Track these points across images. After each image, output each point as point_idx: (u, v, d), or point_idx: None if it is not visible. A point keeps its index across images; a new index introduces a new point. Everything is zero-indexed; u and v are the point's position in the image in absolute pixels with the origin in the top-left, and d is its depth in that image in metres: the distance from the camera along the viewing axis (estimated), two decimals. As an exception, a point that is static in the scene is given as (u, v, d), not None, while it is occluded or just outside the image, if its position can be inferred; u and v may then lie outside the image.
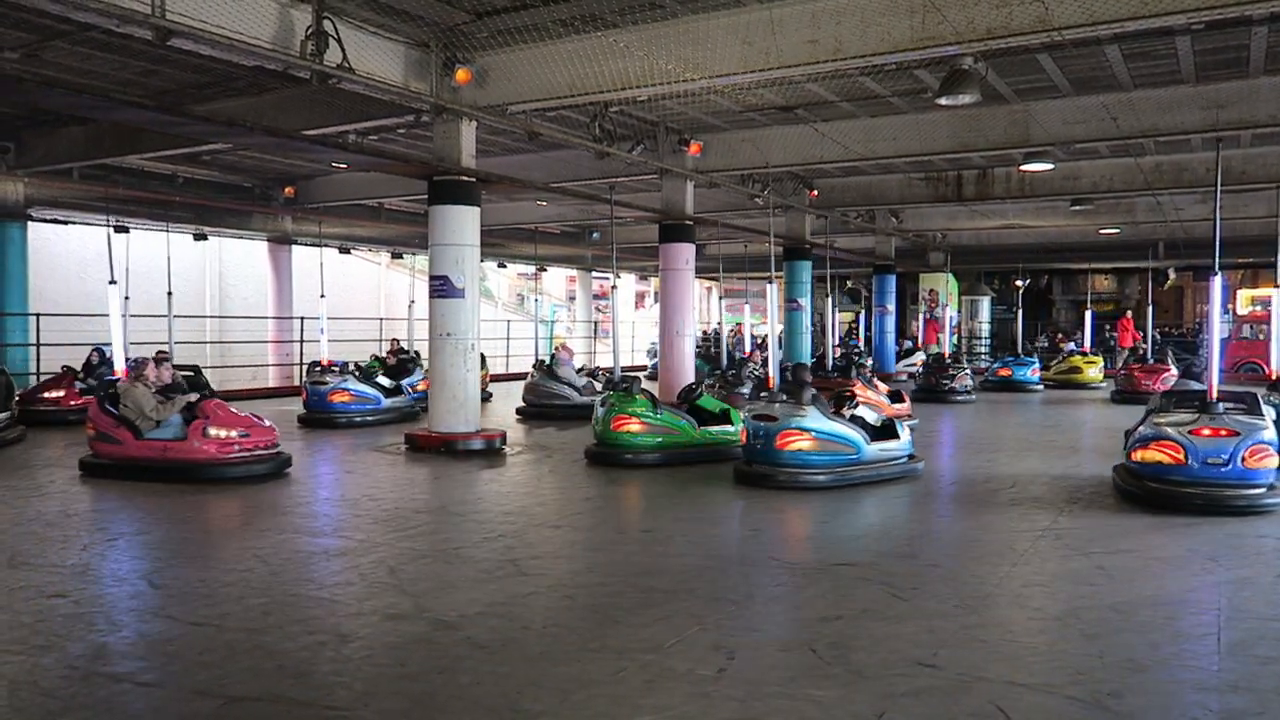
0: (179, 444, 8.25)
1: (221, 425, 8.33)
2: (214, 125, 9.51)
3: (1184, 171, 15.39)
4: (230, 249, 22.00)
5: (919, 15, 7.70)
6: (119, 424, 8.37)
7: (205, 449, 8.23)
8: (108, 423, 8.43)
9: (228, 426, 8.36)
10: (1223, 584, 5.23)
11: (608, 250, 13.50)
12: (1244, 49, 9.81)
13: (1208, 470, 6.88)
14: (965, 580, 5.29)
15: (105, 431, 8.45)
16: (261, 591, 5.04)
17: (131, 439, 8.30)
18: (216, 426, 8.29)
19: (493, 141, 13.65)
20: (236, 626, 4.44)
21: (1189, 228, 20.96)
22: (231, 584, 5.17)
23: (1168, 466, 7.04)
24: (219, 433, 8.27)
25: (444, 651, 4.11)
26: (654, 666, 3.90)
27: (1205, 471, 6.88)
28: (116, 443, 8.38)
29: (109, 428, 8.42)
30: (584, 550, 6.24)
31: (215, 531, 6.80)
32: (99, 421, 8.51)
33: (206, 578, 5.28)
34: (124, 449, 8.35)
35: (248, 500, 7.64)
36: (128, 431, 8.33)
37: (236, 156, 15.53)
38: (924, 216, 22.66)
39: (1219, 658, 4.05)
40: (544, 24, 8.88)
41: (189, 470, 8.20)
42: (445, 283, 10.10)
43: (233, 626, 4.44)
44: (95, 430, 8.54)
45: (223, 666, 3.91)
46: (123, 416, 8.39)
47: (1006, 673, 3.87)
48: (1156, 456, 7.11)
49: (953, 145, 12.84)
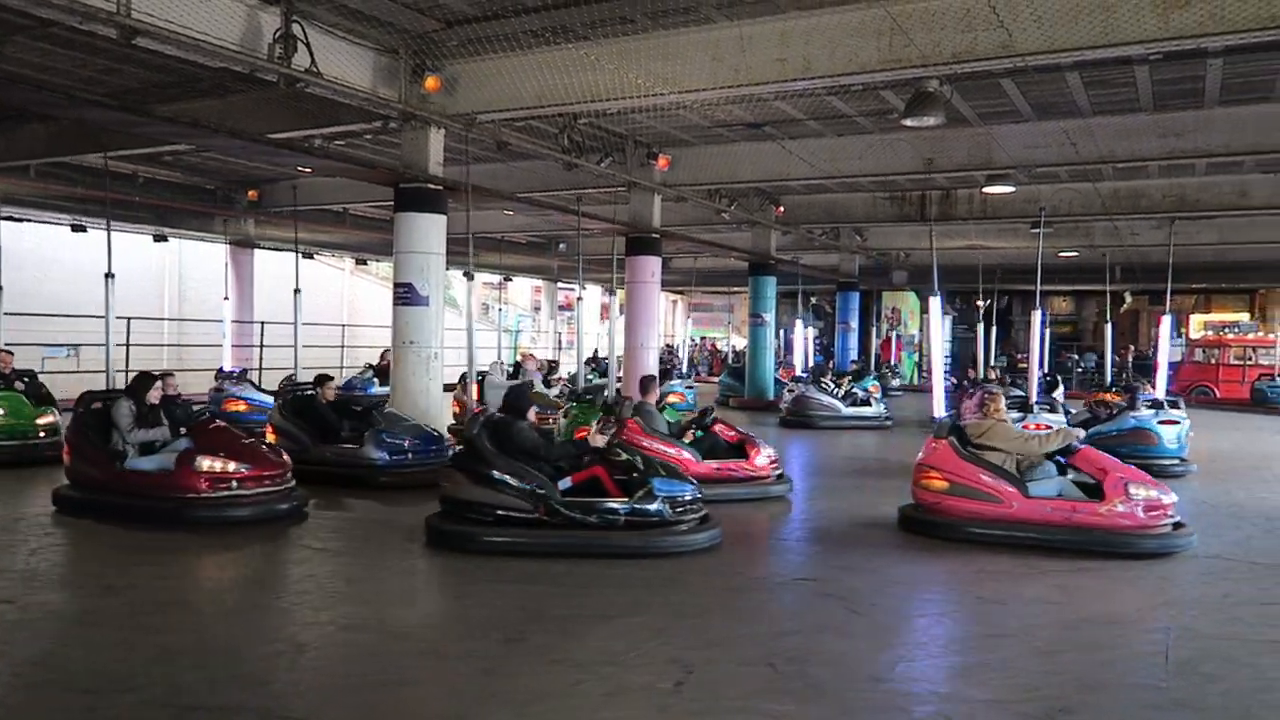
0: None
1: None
2: (178, 126, 9.38)
3: (1140, 198, 15.74)
4: (190, 251, 21.68)
5: (886, 38, 7.82)
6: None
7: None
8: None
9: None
10: (1173, 603, 5.33)
11: (574, 261, 13.49)
12: (1200, 80, 10.06)
13: None
14: (922, 597, 5.34)
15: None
16: (213, 600, 4.96)
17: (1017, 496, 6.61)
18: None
19: (460, 150, 13.59)
20: (187, 638, 4.36)
21: (1145, 252, 21.40)
22: (183, 592, 5.08)
23: None
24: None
25: (401, 662, 4.07)
26: (612, 679, 3.89)
27: None
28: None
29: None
30: (543, 561, 6.21)
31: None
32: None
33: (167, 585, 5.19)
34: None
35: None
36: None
37: (199, 158, 15.31)
38: (888, 235, 22.91)
39: (1167, 675, 4.12)
40: (514, 34, 8.88)
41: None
42: (410, 290, 10.05)
43: (181, 638, 4.36)
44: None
45: (178, 679, 3.84)
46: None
47: (962, 689, 3.91)
48: None
49: (916, 166, 13.02)
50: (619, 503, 6.11)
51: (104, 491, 6.96)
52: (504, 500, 6.05)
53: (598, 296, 35.39)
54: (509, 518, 6.05)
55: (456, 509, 6.20)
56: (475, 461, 6.20)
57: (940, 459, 6.84)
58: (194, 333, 20.75)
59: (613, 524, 6.06)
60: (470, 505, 6.14)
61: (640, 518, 6.08)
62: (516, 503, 6.04)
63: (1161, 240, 19.92)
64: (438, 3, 8.49)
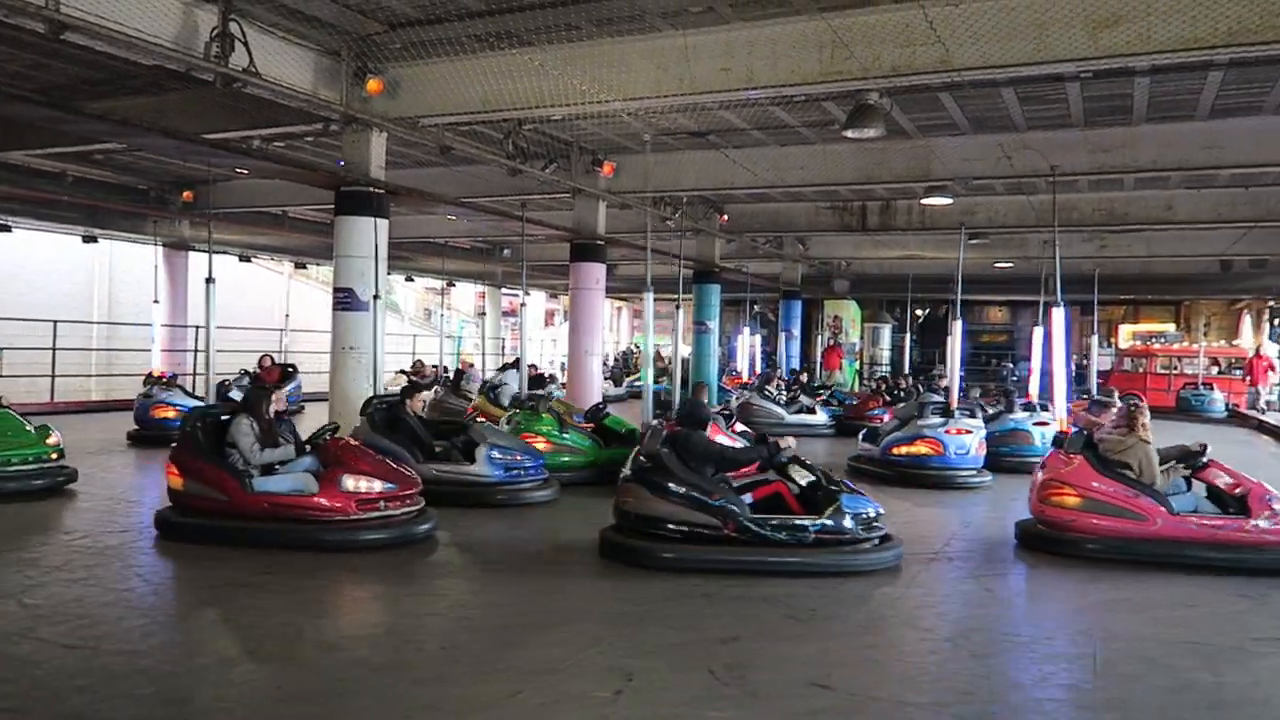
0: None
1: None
2: (108, 124, 9.13)
3: (1072, 210, 16.19)
4: (123, 252, 21.10)
5: (828, 50, 7.94)
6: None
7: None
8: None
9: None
10: (1099, 605, 5.48)
11: (518, 267, 13.43)
12: (1128, 98, 10.39)
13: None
14: (860, 602, 5.41)
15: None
16: (143, 612, 4.82)
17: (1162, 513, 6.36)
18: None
19: (403, 154, 13.46)
20: (113, 649, 4.23)
21: (1076, 264, 22.00)
22: (110, 604, 4.92)
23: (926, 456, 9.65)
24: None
25: (334, 674, 4.00)
26: (551, 688, 3.87)
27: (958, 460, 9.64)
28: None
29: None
30: (483, 570, 6.16)
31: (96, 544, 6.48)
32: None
33: (83, 596, 5.02)
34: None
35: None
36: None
37: (131, 157, 14.91)
38: (829, 245, 23.22)
39: (1094, 676, 4.23)
40: (459, 38, 8.82)
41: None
42: (350, 295, 9.90)
43: (109, 649, 4.23)
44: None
45: (97, 691, 3.72)
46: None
47: (898, 692, 3.97)
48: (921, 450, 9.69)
49: (858, 177, 13.23)
50: (808, 519, 5.93)
51: (227, 516, 6.35)
52: (691, 516, 5.89)
53: (542, 303, 35.29)
54: (694, 534, 5.88)
55: (637, 524, 6.04)
56: (661, 475, 6.03)
57: (1074, 475, 6.61)
58: (126, 336, 20.19)
59: (802, 541, 5.88)
60: (651, 520, 5.98)
61: (831, 535, 5.91)
62: (704, 518, 5.87)
63: (1092, 252, 20.57)
64: (381, 5, 8.40)
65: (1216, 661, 4.39)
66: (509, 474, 8.19)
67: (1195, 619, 5.18)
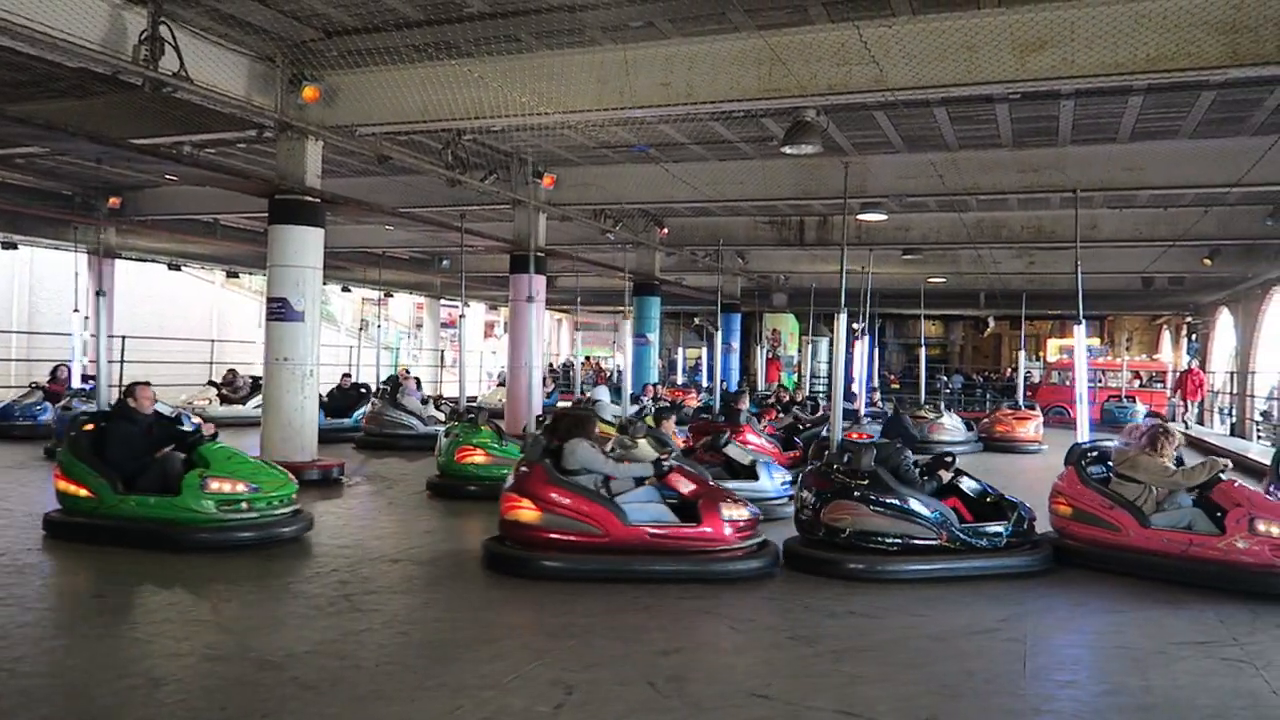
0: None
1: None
2: (30, 128, 8.86)
3: (1001, 228, 16.65)
4: (44, 260, 20.39)
5: (766, 67, 8.08)
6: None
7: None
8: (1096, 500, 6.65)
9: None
10: (1029, 613, 5.60)
11: (457, 279, 13.33)
12: (1054, 120, 10.74)
13: None
14: (799, 612, 5.46)
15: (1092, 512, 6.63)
16: (65, 631, 4.65)
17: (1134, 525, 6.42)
18: None
19: (340, 162, 13.27)
20: (31, 671, 4.07)
21: (1006, 279, 22.61)
22: (29, 624, 4.74)
23: None
24: None
25: (268, 693, 3.90)
26: (491, 704, 3.83)
27: None
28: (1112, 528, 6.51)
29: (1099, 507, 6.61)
30: (422, 585, 6.07)
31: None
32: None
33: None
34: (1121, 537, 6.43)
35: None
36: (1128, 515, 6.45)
37: (55, 161, 14.44)
38: (768, 258, 23.49)
39: (1025, 681, 4.33)
40: (397, 48, 8.75)
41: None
42: (284, 305, 9.72)
43: (27, 671, 4.07)
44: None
45: (15, 716, 3.57)
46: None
47: (835, 702, 4.01)
48: None
49: (796, 192, 13.44)
50: (1000, 525, 6.48)
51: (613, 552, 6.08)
52: (911, 529, 6.28)
53: (482, 315, 35.03)
54: (913, 545, 6.27)
55: (856, 539, 6.32)
56: (880, 491, 6.35)
57: (1066, 485, 6.94)
58: (47, 346, 19.49)
59: (997, 547, 6.41)
60: (870, 535, 6.29)
61: (1018, 539, 6.50)
62: (923, 531, 6.28)
63: (1021, 269, 21.17)
64: (317, 12, 8.30)
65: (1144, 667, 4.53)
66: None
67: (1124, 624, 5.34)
